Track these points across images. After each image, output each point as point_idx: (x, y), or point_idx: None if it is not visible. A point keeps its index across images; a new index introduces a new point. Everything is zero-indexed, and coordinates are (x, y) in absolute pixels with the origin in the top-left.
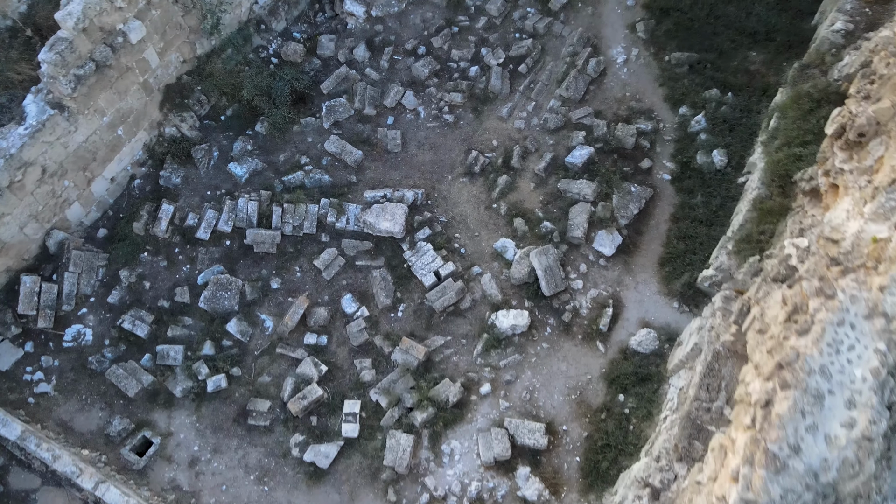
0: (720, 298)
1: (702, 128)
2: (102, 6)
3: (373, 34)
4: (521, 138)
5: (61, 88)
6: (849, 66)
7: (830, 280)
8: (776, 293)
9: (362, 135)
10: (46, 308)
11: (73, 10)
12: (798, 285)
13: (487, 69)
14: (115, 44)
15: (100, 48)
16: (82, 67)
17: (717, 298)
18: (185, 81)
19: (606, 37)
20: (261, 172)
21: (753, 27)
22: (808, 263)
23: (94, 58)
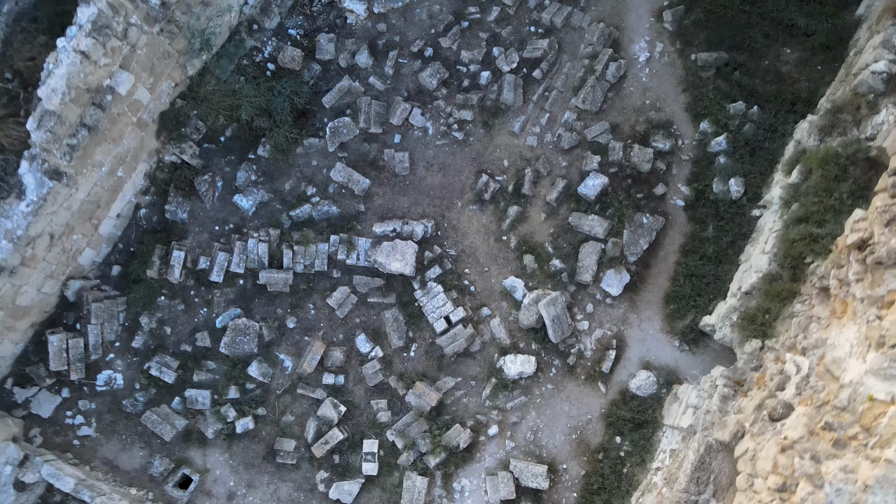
0: (717, 399)
1: (722, 149)
2: (86, 70)
3: (375, 35)
4: (533, 158)
5: (56, 160)
6: (885, 125)
7: (822, 455)
8: (771, 443)
9: (368, 155)
10: (76, 361)
11: (57, 86)
12: (791, 457)
13: (499, 75)
14: (105, 102)
15: (89, 111)
16: (75, 136)
17: (715, 399)
18: (179, 106)
19: (629, 27)
20: (267, 204)
21: (791, 18)
22: (803, 417)
23: (86, 122)
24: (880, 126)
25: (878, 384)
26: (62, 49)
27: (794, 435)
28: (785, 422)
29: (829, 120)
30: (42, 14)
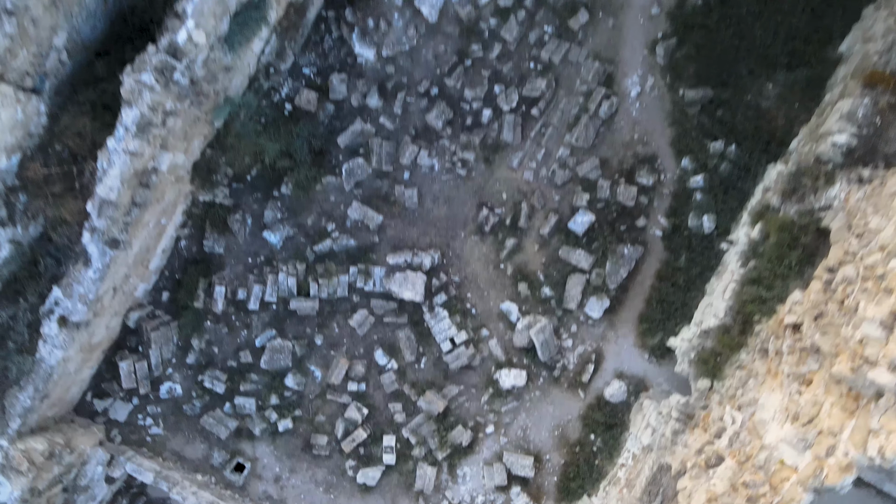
0: (670, 430)
1: (699, 187)
2: (135, 164)
3: (384, 76)
4: (529, 192)
5: (116, 235)
6: (837, 201)
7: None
8: (702, 490)
9: (381, 191)
10: (143, 379)
11: (113, 184)
12: None
13: (500, 114)
14: (151, 182)
15: (139, 192)
16: (129, 214)
17: (668, 429)
18: (209, 155)
19: (624, 60)
20: (293, 238)
21: (776, 55)
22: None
23: (136, 202)
24: (833, 200)
25: (789, 452)
26: (113, 150)
27: (719, 488)
28: (716, 470)
29: (791, 184)
30: (82, 92)
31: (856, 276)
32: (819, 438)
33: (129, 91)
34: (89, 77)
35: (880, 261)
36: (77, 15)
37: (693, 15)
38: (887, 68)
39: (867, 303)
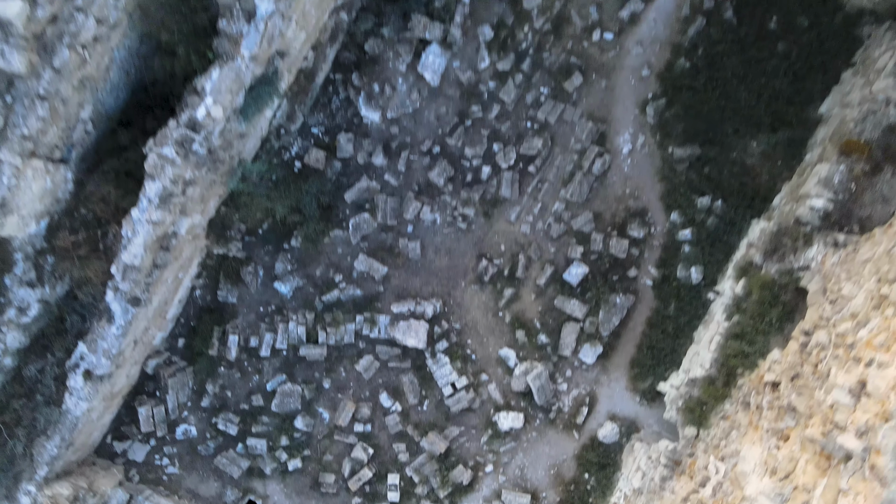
0: (658, 476)
1: (687, 240)
2: (157, 232)
3: (389, 136)
4: (526, 244)
5: (137, 294)
6: (814, 262)
7: None
8: None
9: (385, 243)
10: (160, 423)
11: (136, 251)
12: None
13: (499, 171)
14: (171, 245)
15: (160, 255)
16: (150, 275)
17: (657, 474)
18: (223, 212)
19: (616, 119)
20: (302, 288)
21: (760, 116)
22: None
23: (157, 264)
24: (811, 261)
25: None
26: (137, 220)
27: None
28: None
29: (773, 243)
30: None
31: (828, 342)
32: (795, 494)
33: (152, 166)
34: (113, 145)
35: (850, 329)
36: (102, 89)
37: (681, 77)
38: (862, 137)
39: (838, 369)
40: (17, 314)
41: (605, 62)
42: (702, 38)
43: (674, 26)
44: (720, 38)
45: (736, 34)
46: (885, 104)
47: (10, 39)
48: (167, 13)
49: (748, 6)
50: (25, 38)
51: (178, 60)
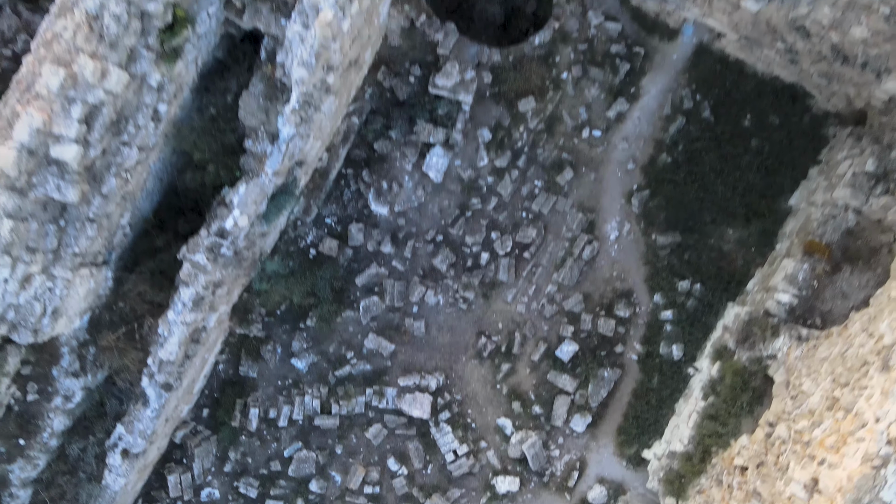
0: None
1: (669, 319)
2: (189, 331)
3: (397, 227)
4: (521, 322)
5: (170, 381)
6: (780, 353)
7: None
8: None
9: (393, 323)
10: (187, 488)
11: (172, 349)
12: None
13: (496, 257)
14: (201, 338)
15: (191, 347)
16: (182, 366)
17: None
18: (245, 299)
19: (604, 208)
20: (317, 363)
21: (735, 206)
22: None
23: (188, 355)
24: (778, 351)
25: None
26: (172, 321)
27: None
28: None
29: (744, 332)
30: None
31: (788, 437)
32: None
33: (186, 274)
34: (148, 246)
35: (807, 427)
36: (139, 198)
37: (663, 171)
38: (823, 239)
39: (795, 464)
40: (63, 401)
41: (594, 157)
42: (682, 135)
43: (656, 124)
44: (699, 136)
45: (713, 132)
46: (844, 209)
47: (65, 176)
48: (199, 135)
49: (724, 106)
50: (79, 173)
51: (208, 175)
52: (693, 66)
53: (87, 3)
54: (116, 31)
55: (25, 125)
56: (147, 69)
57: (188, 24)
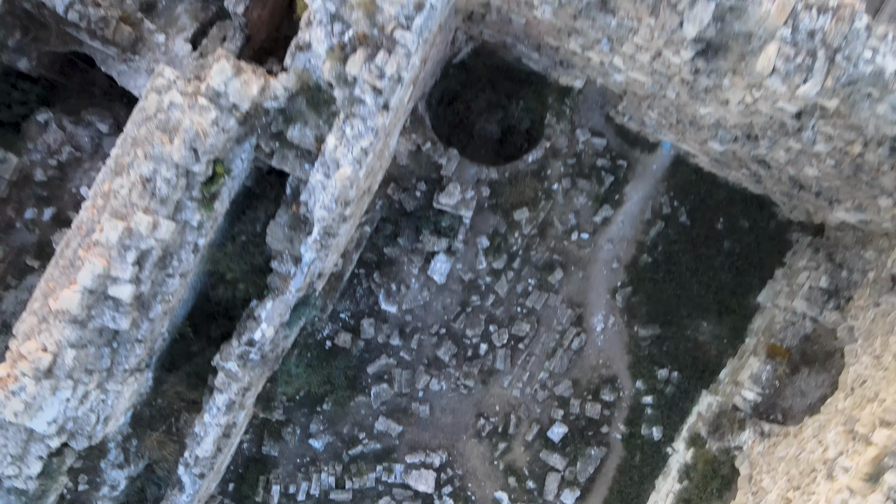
0: None
1: (650, 404)
2: (222, 429)
3: (404, 322)
4: (517, 405)
5: (204, 471)
6: (745, 446)
7: None
8: None
9: (401, 406)
10: None
11: (207, 447)
12: None
13: (494, 348)
14: (232, 432)
15: (223, 441)
16: (215, 458)
17: None
18: (267, 388)
19: (591, 303)
20: (332, 443)
21: (709, 302)
22: None
23: (220, 448)
24: (744, 443)
25: None
26: (208, 423)
27: None
28: None
29: (715, 423)
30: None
31: None
32: None
33: (221, 382)
34: (184, 349)
35: None
36: (177, 307)
37: (644, 269)
38: (784, 343)
39: None
40: (109, 490)
41: (582, 257)
42: (661, 238)
43: (638, 227)
44: (676, 238)
45: (689, 234)
46: (802, 317)
47: (119, 309)
48: (232, 259)
49: (699, 211)
50: (131, 304)
51: (238, 290)
52: (671, 176)
53: (142, 167)
54: (167, 192)
55: (89, 272)
56: (190, 215)
57: (226, 173)
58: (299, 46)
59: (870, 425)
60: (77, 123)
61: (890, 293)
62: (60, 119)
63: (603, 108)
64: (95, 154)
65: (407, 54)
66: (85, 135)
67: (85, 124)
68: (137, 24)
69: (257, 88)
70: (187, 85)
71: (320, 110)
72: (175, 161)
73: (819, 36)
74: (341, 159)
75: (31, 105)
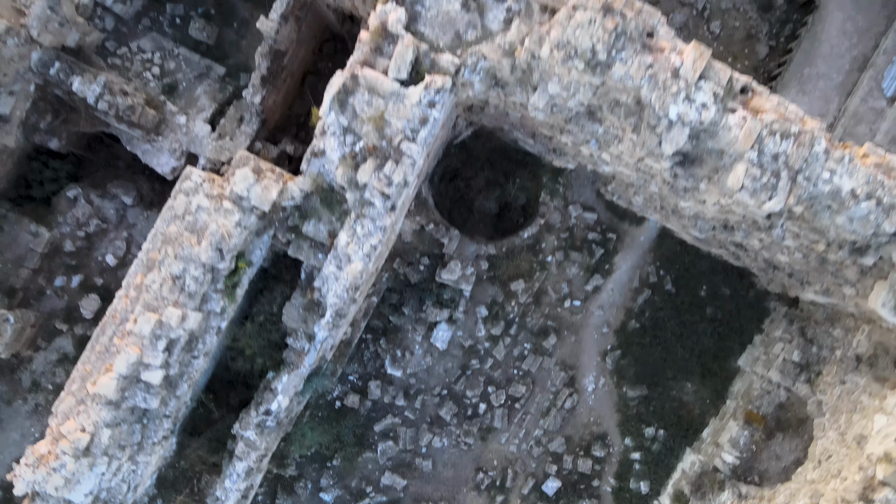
0: None
1: (638, 460)
2: (242, 493)
3: (408, 385)
4: (513, 460)
5: None
6: None
7: None
8: None
9: (405, 461)
10: None
11: (238, 482)
12: None
13: (492, 408)
14: (250, 495)
15: (241, 502)
16: None
17: None
18: (281, 447)
19: (583, 365)
20: (341, 496)
21: (693, 365)
22: None
23: None
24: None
25: None
26: (229, 489)
27: None
28: None
29: (696, 483)
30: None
31: None
32: None
33: (241, 451)
34: (205, 415)
35: None
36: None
37: (632, 334)
38: (760, 411)
39: None
40: None
41: (574, 323)
42: (648, 305)
43: (627, 295)
44: (662, 305)
45: (674, 302)
46: (777, 386)
47: (150, 391)
48: (251, 337)
49: (684, 279)
50: (160, 386)
51: (256, 364)
52: (657, 247)
53: (172, 267)
54: (195, 288)
55: (124, 360)
56: (214, 305)
57: (247, 265)
58: (314, 153)
59: (832, 502)
60: (103, 196)
61: (854, 372)
62: (88, 193)
63: (594, 184)
64: (120, 224)
65: (413, 164)
66: (110, 207)
67: (110, 197)
68: (160, 106)
69: (276, 192)
70: (213, 186)
71: (333, 208)
72: (203, 261)
73: (782, 158)
74: (353, 255)
75: (62, 182)
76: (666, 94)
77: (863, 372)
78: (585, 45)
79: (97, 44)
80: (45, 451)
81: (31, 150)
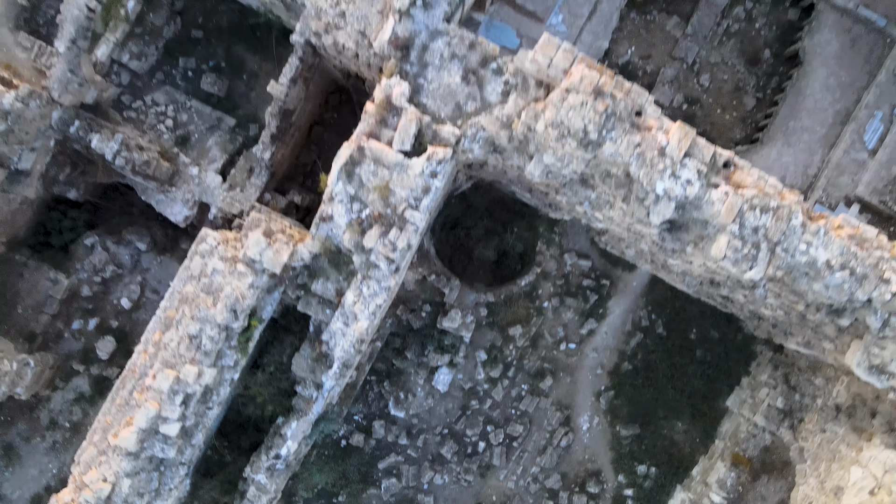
0: None
1: (630, 496)
2: None
3: (411, 425)
4: (511, 496)
5: None
6: None
7: None
8: None
9: (408, 497)
10: None
11: None
12: None
13: (491, 446)
14: None
15: None
16: None
17: None
18: (289, 485)
19: (578, 404)
20: None
21: (683, 406)
22: None
23: None
24: None
25: None
26: None
27: None
28: None
29: None
30: (215, 475)
31: None
32: None
33: (252, 495)
34: (217, 458)
35: None
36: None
37: (625, 375)
38: (746, 453)
39: None
40: None
41: (570, 364)
42: (640, 347)
43: (620, 338)
44: (654, 348)
45: (665, 344)
46: (762, 430)
47: (167, 441)
48: (261, 385)
49: (674, 323)
50: (177, 436)
51: (266, 410)
52: (649, 292)
53: (189, 327)
54: (211, 347)
55: (144, 415)
56: (228, 360)
57: (259, 322)
58: (322, 218)
59: None
60: (118, 243)
61: (834, 422)
62: (104, 240)
63: (588, 233)
64: (134, 269)
65: (416, 230)
66: (126, 253)
67: (125, 243)
68: (174, 158)
69: (287, 255)
70: (227, 248)
71: (341, 269)
72: (218, 322)
73: (762, 231)
74: (359, 314)
75: (79, 230)
76: (653, 171)
77: (842, 422)
78: (577, 125)
79: (113, 98)
80: (68, 499)
81: (50, 200)
